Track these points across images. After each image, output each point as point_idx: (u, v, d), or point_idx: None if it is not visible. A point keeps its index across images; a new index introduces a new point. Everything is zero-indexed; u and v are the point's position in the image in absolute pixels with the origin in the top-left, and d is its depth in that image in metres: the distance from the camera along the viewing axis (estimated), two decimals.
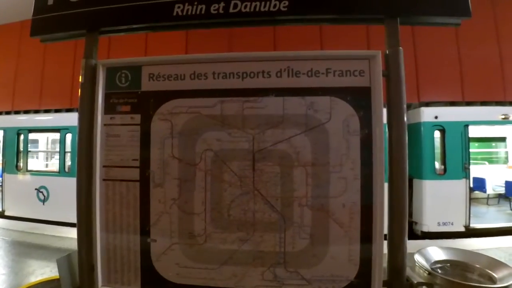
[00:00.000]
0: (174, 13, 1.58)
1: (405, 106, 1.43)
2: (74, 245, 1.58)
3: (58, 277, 1.53)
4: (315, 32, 7.03)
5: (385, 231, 1.40)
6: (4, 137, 7.73)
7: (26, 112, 8.05)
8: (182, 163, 1.50)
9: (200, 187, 1.48)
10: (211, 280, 1.46)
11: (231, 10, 1.54)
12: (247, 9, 1.52)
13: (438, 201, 5.83)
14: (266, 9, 1.51)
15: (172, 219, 1.50)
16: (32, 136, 7.97)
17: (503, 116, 6.04)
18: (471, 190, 6.45)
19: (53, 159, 10.57)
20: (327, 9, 1.52)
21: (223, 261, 1.46)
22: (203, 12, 1.56)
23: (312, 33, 6.96)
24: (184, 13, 1.57)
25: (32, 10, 1.75)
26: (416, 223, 6.05)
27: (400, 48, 1.44)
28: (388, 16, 1.48)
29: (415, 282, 1.39)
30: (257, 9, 1.52)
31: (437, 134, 6.04)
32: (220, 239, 1.46)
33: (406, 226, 1.41)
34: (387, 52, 1.46)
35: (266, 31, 6.94)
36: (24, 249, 3.97)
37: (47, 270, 3.24)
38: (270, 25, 1.71)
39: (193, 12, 1.56)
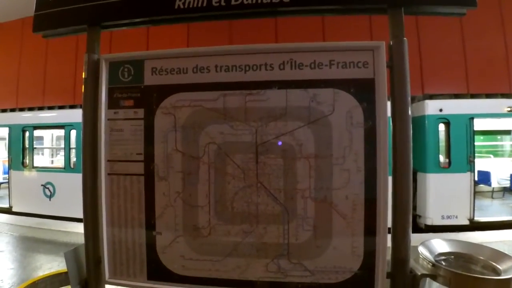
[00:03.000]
0: (176, 6, 1.57)
1: (409, 97, 1.42)
2: (80, 240, 1.61)
3: (65, 270, 1.56)
4: (317, 24, 6.96)
5: (389, 223, 1.40)
6: (9, 134, 7.81)
7: (31, 109, 8.12)
8: (186, 157, 1.51)
9: (204, 180, 1.49)
10: (216, 271, 1.48)
11: (233, 2, 1.52)
12: (249, 1, 1.51)
13: (442, 194, 5.80)
14: (268, 0, 1.50)
15: (176, 212, 1.51)
16: (37, 133, 8.04)
17: (508, 109, 5.96)
18: (476, 183, 6.40)
19: (58, 155, 10.68)
20: None
21: (227, 253, 1.48)
22: (204, 4, 1.55)
23: (314, 25, 6.89)
24: (186, 6, 1.56)
25: (34, 6, 1.75)
26: (420, 216, 6.04)
27: (405, 38, 1.42)
28: (391, 5, 1.45)
29: (419, 273, 1.40)
30: (259, 0, 1.50)
31: (441, 127, 5.99)
32: (224, 231, 1.48)
33: (410, 219, 1.41)
34: (391, 43, 1.44)
35: (268, 23, 6.88)
36: (31, 244, 4.05)
37: (55, 265, 3.30)
38: (272, 17, 1.70)
39: (195, 5, 1.55)
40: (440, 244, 1.66)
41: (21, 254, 3.71)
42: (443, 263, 1.53)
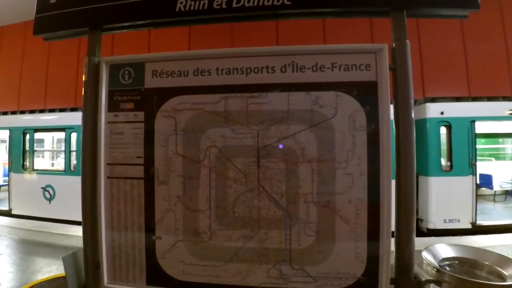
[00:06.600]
0: (177, 9, 1.56)
1: (412, 100, 1.40)
2: (80, 243, 1.59)
3: (64, 274, 1.53)
4: (318, 27, 6.97)
5: (392, 228, 1.38)
6: (10, 136, 7.81)
7: (32, 111, 8.12)
8: (186, 160, 1.49)
9: (205, 184, 1.47)
10: (216, 277, 1.46)
11: (234, 5, 1.52)
12: (250, 4, 1.50)
13: (444, 198, 5.76)
14: (270, 3, 1.49)
15: (176, 217, 1.49)
16: (37, 135, 8.04)
17: (510, 112, 5.94)
18: (478, 186, 6.36)
19: (58, 158, 10.66)
20: (331, 2, 1.50)
21: (228, 259, 1.45)
22: (206, 7, 1.54)
23: (315, 28, 6.90)
24: (187, 8, 1.55)
25: (35, 9, 1.75)
26: (422, 220, 6.00)
27: (407, 41, 1.41)
28: (394, 8, 1.45)
29: (423, 279, 1.37)
30: (261, 3, 1.49)
31: (443, 130, 5.96)
32: (225, 236, 1.45)
33: (414, 223, 1.39)
34: (394, 46, 1.43)
35: (269, 26, 6.90)
36: (31, 247, 4.02)
37: (54, 268, 3.28)
38: (273, 20, 1.69)
39: (196, 8, 1.54)
40: (444, 249, 1.63)
41: (20, 257, 3.68)
42: (448, 269, 1.50)
